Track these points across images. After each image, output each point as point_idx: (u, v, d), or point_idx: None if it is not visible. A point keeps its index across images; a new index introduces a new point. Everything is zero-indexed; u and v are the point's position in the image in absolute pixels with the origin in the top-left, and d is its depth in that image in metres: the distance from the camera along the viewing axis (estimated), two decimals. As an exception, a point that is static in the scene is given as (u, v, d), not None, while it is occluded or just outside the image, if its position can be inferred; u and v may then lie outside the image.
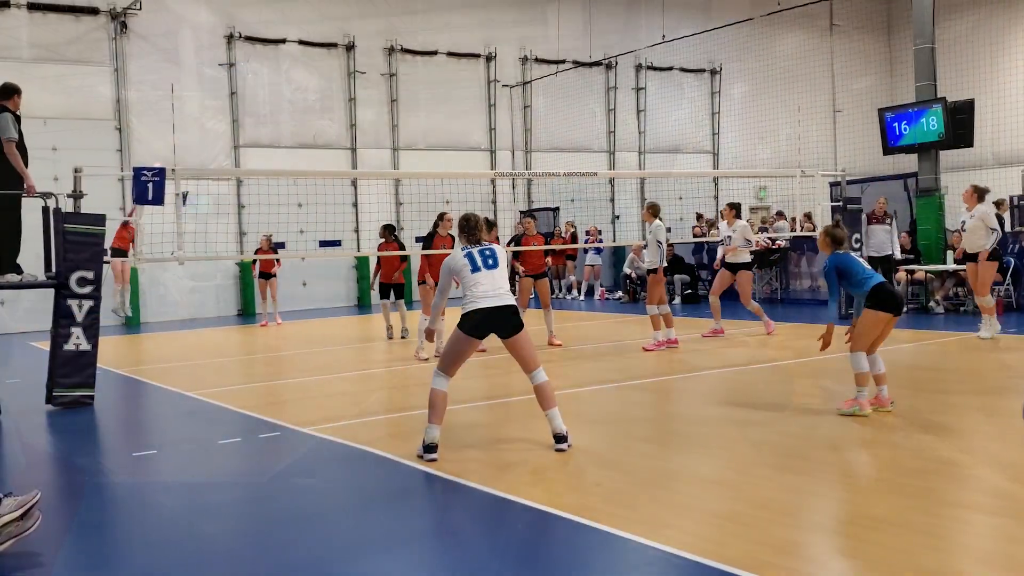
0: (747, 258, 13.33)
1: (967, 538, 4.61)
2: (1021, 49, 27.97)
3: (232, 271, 21.36)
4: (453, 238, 12.07)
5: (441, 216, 12.02)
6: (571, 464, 6.27)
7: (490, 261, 6.65)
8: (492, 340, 6.84)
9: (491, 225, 10.87)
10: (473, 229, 6.83)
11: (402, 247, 14.77)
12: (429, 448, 6.39)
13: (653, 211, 11.95)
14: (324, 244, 21.02)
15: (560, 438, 6.56)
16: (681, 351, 11.80)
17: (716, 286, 13.50)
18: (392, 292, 14.30)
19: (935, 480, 5.62)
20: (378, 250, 14.37)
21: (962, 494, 5.39)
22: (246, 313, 20.97)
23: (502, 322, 6.55)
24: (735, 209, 13.50)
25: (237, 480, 6.45)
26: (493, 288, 6.55)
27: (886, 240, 15.37)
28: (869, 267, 7.73)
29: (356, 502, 5.80)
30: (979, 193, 11.57)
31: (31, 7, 19.14)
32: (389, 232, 14.28)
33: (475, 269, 6.58)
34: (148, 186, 10.13)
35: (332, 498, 5.86)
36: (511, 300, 6.63)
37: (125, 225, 15.62)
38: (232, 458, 7.15)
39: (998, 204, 15.60)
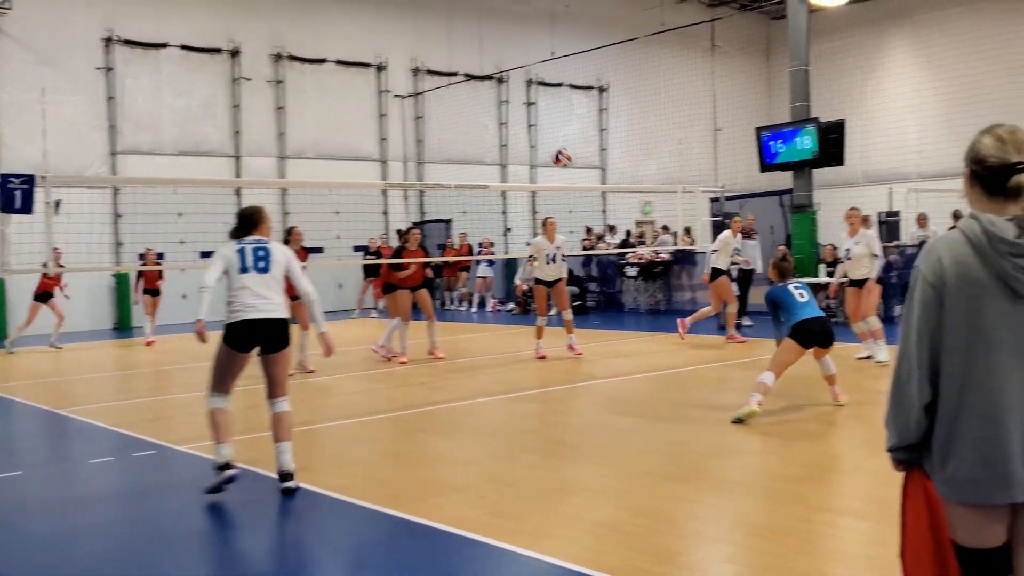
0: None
1: (837, 542, 4.78)
2: (889, 72, 29.49)
3: (107, 283, 20.50)
4: (307, 251, 11.93)
5: (290, 231, 11.80)
6: (457, 478, 6.25)
7: (261, 264, 5.98)
8: (412, 352, 6.76)
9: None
10: (247, 221, 6.16)
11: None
12: (222, 467, 5.79)
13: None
14: (206, 255, 20.42)
15: (286, 475, 5.88)
16: (580, 361, 11.93)
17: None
18: None
19: (809, 486, 5.82)
20: None
21: (833, 499, 5.59)
22: (123, 327, 20.18)
23: (267, 336, 5.95)
24: (864, 218, 11.66)
25: (108, 501, 6.18)
26: (257, 296, 5.91)
27: (752, 254, 15.96)
28: (804, 299, 7.99)
29: (234, 520, 5.63)
30: (864, 218, 11.32)
31: None
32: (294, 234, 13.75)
33: (243, 269, 5.94)
34: (16, 194, 9.67)
35: (208, 518, 5.66)
36: (280, 313, 6.00)
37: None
38: (104, 478, 6.85)
39: (865, 220, 16.36)
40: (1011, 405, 2.39)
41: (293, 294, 11.58)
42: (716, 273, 13.24)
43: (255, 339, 5.94)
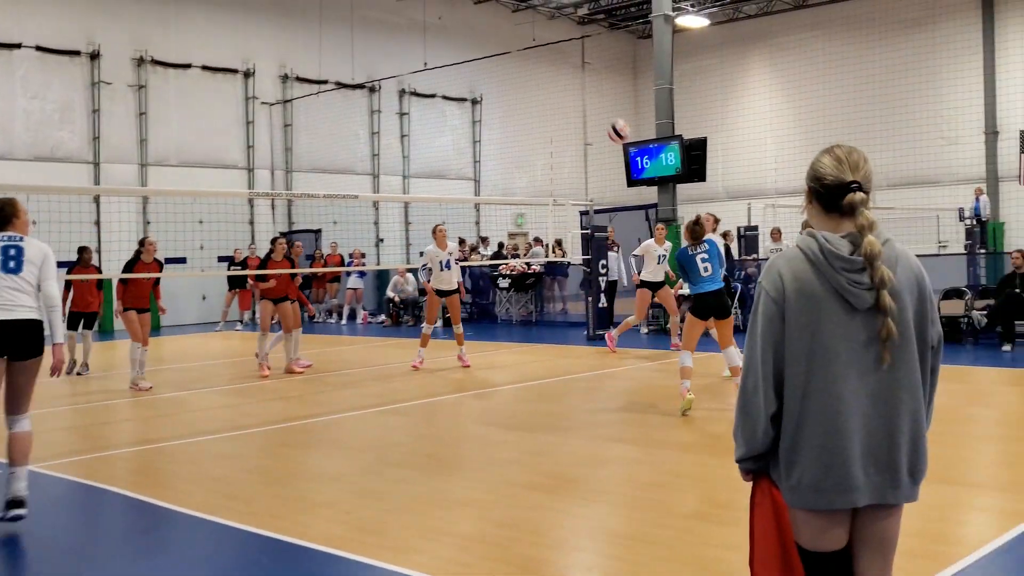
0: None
1: (692, 548, 4.91)
2: (750, 91, 30.75)
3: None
4: (160, 264, 11.53)
5: (142, 242, 11.41)
6: (323, 494, 6.13)
7: (11, 263, 5.46)
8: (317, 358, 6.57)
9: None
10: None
11: (99, 271, 13.81)
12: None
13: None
14: (61, 265, 19.40)
15: (16, 503, 5.34)
16: (454, 373, 11.90)
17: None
18: (83, 321, 12.74)
19: (668, 493, 5.96)
20: (69, 273, 12.22)
21: (691, 505, 5.75)
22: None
23: (9, 339, 5.40)
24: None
25: None
26: (5, 296, 5.41)
27: (614, 266, 16.42)
28: (708, 273, 8.64)
29: (86, 541, 5.35)
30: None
31: None
32: (86, 254, 12.63)
33: None
34: None
35: (57, 538, 5.38)
36: (26, 313, 5.45)
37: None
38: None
39: (725, 235, 16.99)
40: (850, 413, 2.50)
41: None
42: (643, 284, 13.36)
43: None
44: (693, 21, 27.39)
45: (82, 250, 12.70)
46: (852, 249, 2.51)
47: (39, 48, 20.47)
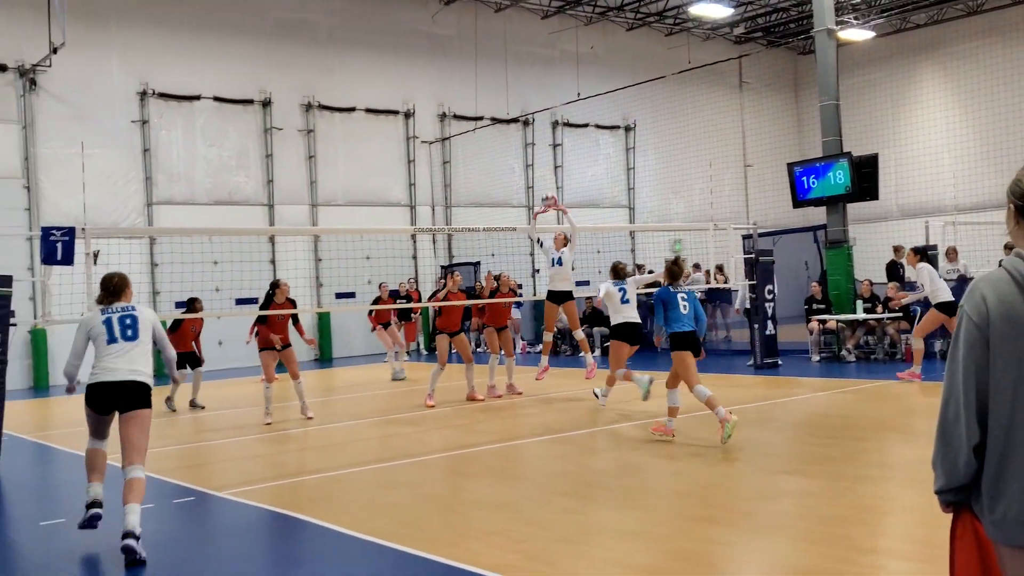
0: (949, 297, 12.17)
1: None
2: (921, 104, 29.30)
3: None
4: (292, 303, 11.93)
5: (275, 284, 11.77)
6: (492, 522, 6.19)
7: (129, 332, 6.16)
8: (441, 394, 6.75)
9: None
10: (112, 288, 6.33)
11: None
12: (91, 505, 6.22)
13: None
14: (241, 302, 20.60)
15: (129, 535, 5.74)
16: (621, 400, 11.83)
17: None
18: (187, 364, 13.51)
19: (851, 527, 5.70)
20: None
21: (878, 541, 5.47)
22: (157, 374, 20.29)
23: (125, 397, 6.07)
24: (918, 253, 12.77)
25: (152, 548, 6.18)
26: (124, 362, 6.08)
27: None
28: (686, 311, 8.81)
29: (269, 567, 5.61)
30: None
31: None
32: (197, 303, 13.64)
33: (111, 340, 6.12)
34: (57, 246, 9.84)
35: (250, 564, 5.65)
36: (140, 377, 6.11)
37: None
38: (145, 525, 6.84)
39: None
40: None
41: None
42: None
43: (113, 401, 6.09)
44: (857, 34, 26.50)
45: (193, 300, 13.65)
46: (1064, 270, 2.36)
47: (216, 99, 21.90)
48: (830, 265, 16.43)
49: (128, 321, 6.20)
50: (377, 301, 17.30)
